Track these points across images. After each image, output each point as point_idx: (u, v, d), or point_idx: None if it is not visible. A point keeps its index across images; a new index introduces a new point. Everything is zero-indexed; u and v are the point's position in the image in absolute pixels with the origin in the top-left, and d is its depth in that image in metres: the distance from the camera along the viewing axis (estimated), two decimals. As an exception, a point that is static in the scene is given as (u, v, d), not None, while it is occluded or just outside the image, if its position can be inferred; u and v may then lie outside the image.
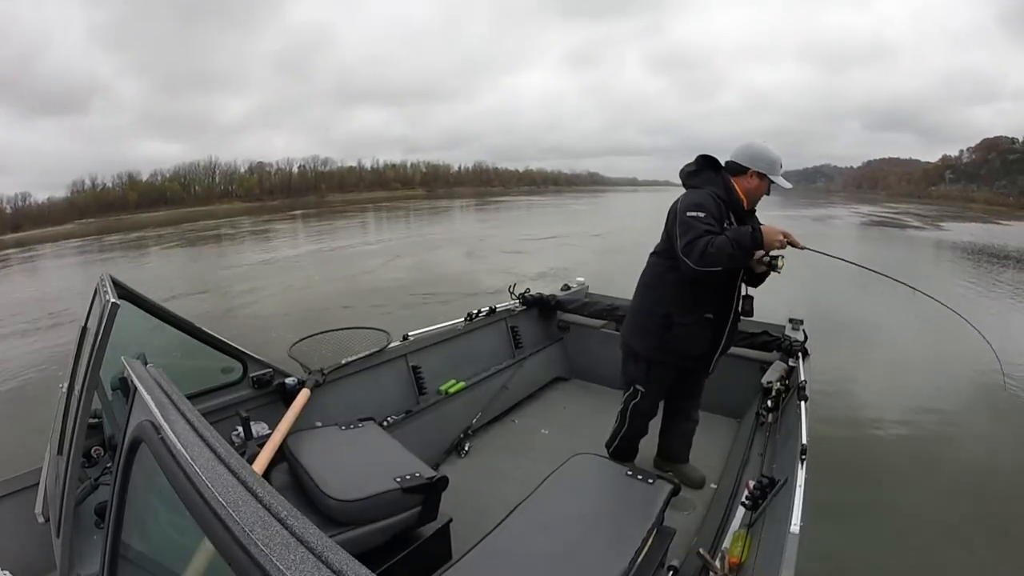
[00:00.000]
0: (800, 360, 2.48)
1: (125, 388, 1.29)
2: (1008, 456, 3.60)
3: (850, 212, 37.26)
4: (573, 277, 4.00)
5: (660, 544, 1.47)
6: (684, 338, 2.02)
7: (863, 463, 3.40)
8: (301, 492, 1.58)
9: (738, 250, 1.78)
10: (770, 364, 2.58)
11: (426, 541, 1.64)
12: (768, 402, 2.28)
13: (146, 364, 0.96)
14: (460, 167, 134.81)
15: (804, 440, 1.72)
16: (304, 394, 2.01)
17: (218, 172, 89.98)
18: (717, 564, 1.43)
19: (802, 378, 2.26)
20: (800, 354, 2.54)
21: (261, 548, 0.47)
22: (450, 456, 2.54)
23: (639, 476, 1.60)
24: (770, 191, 1.99)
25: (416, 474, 1.59)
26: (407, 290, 9.12)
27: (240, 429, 1.84)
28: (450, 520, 1.72)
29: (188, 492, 0.58)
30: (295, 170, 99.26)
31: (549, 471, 1.63)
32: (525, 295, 3.49)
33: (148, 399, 0.76)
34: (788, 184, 2.00)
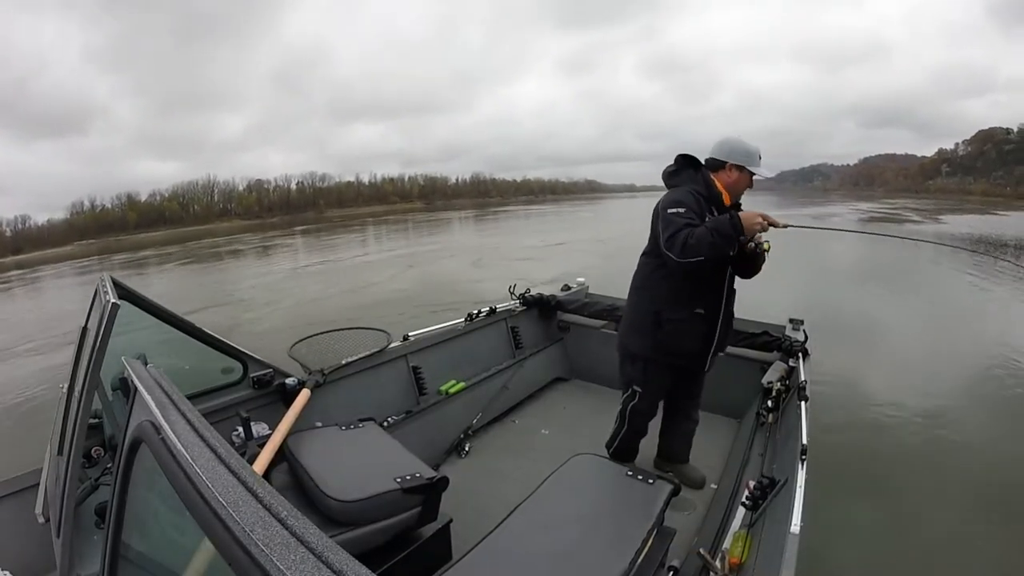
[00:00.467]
0: (800, 360, 2.48)
1: (125, 388, 1.29)
2: (1009, 454, 3.60)
3: (848, 209, 37.25)
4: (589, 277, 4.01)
5: (660, 544, 1.47)
6: (677, 335, 2.03)
7: (864, 463, 3.40)
8: (301, 492, 1.58)
9: (719, 238, 1.80)
10: (770, 364, 2.58)
11: (426, 541, 1.64)
12: (768, 402, 2.28)
13: (146, 364, 0.96)
14: (458, 179, 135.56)
15: (804, 440, 1.72)
16: (304, 394, 2.01)
17: (216, 190, 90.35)
18: (717, 564, 1.43)
19: (802, 378, 2.26)
20: (800, 354, 2.54)
21: (261, 548, 0.47)
22: (450, 456, 2.54)
23: (639, 476, 1.60)
24: (753, 183, 2.02)
25: (416, 474, 1.59)
26: (420, 299, 9.03)
27: (240, 429, 1.84)
28: (450, 520, 1.72)
29: (188, 492, 0.58)
30: (293, 187, 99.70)
31: (549, 471, 1.63)
32: (525, 295, 3.49)
33: (148, 399, 0.76)
34: (769, 173, 2.02)
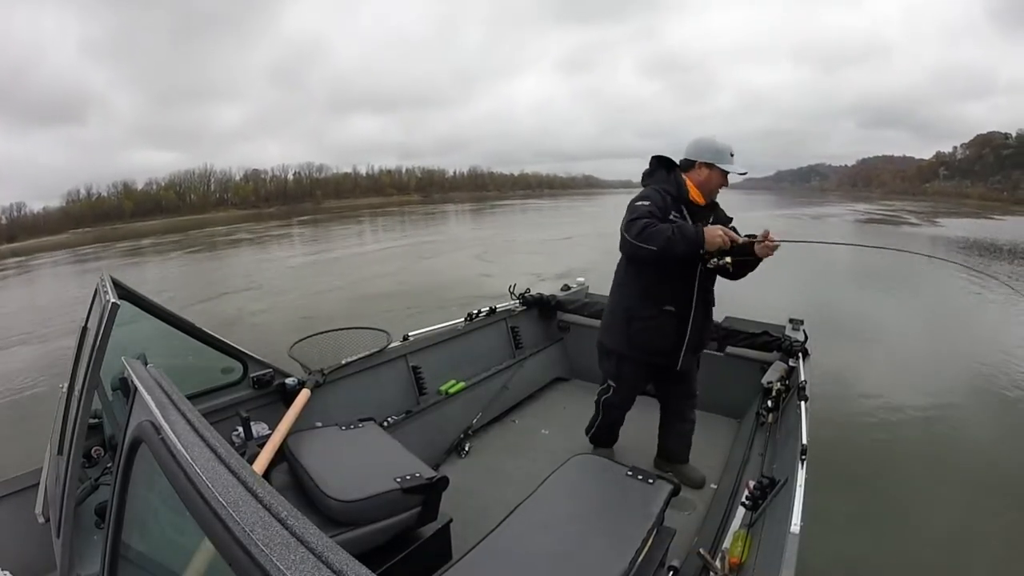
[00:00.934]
0: (800, 360, 2.48)
1: (125, 388, 1.29)
2: (1009, 453, 3.60)
3: (846, 210, 37.29)
4: (590, 276, 4.01)
5: (660, 544, 1.47)
6: (647, 332, 2.07)
7: (864, 463, 3.40)
8: (301, 492, 1.58)
9: (677, 234, 1.83)
10: (770, 364, 2.58)
11: (426, 541, 1.64)
12: (768, 402, 2.28)
13: (146, 364, 0.96)
14: (455, 172, 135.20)
15: (804, 440, 1.72)
16: (304, 394, 2.01)
17: (213, 180, 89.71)
18: (717, 564, 1.43)
19: (802, 378, 2.26)
20: (800, 354, 2.54)
21: (261, 548, 0.47)
22: (450, 456, 2.54)
23: (639, 476, 1.60)
24: (727, 181, 2.05)
25: (416, 474, 1.59)
26: (431, 293, 9.00)
27: (240, 429, 1.84)
28: (450, 520, 1.72)
29: (188, 492, 0.58)
30: (291, 177, 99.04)
31: (549, 471, 1.63)
32: (525, 295, 3.49)
33: (148, 399, 0.76)
34: (740, 170, 2.03)
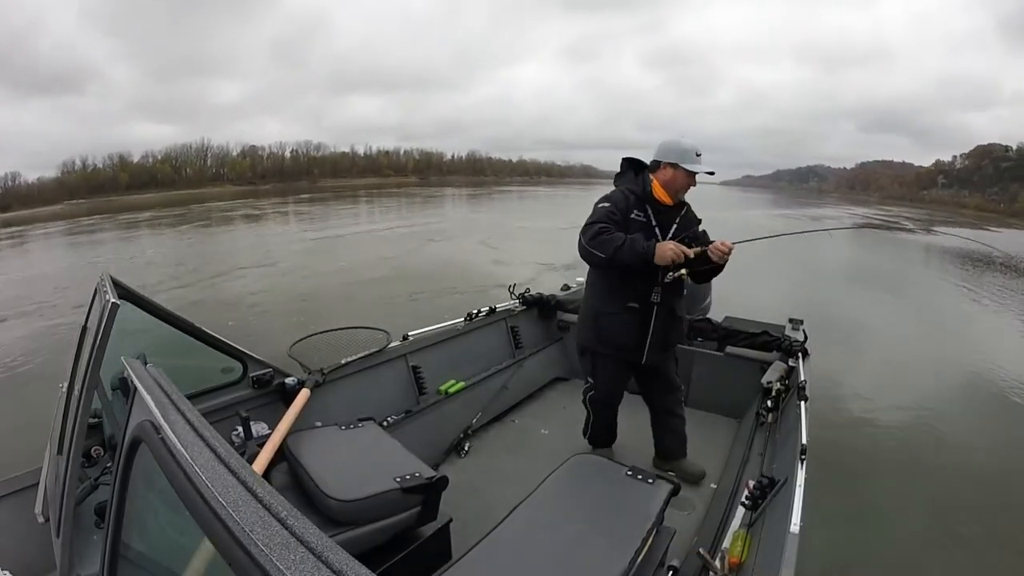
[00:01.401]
0: (800, 360, 2.48)
1: (125, 388, 1.29)
2: (1007, 452, 3.61)
3: (844, 213, 37.35)
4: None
5: (660, 544, 1.47)
6: (612, 328, 2.13)
7: (863, 463, 3.40)
8: (301, 492, 1.58)
9: (627, 246, 1.92)
10: (770, 364, 2.58)
11: (426, 541, 1.64)
12: (768, 402, 2.28)
13: (146, 364, 0.96)
14: (454, 155, 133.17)
15: (804, 440, 1.72)
16: (304, 394, 2.01)
17: (210, 155, 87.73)
18: (717, 564, 1.43)
19: (802, 378, 2.26)
20: (800, 354, 2.54)
21: (261, 548, 0.47)
22: (450, 456, 2.54)
23: (639, 476, 1.60)
24: (695, 180, 2.07)
25: (416, 474, 1.59)
26: (444, 279, 9.01)
27: (240, 429, 1.84)
28: (450, 520, 1.72)
29: (188, 492, 0.58)
30: (288, 154, 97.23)
31: (549, 471, 1.63)
32: (525, 295, 3.49)
33: (148, 399, 0.76)
34: (706, 169, 2.06)
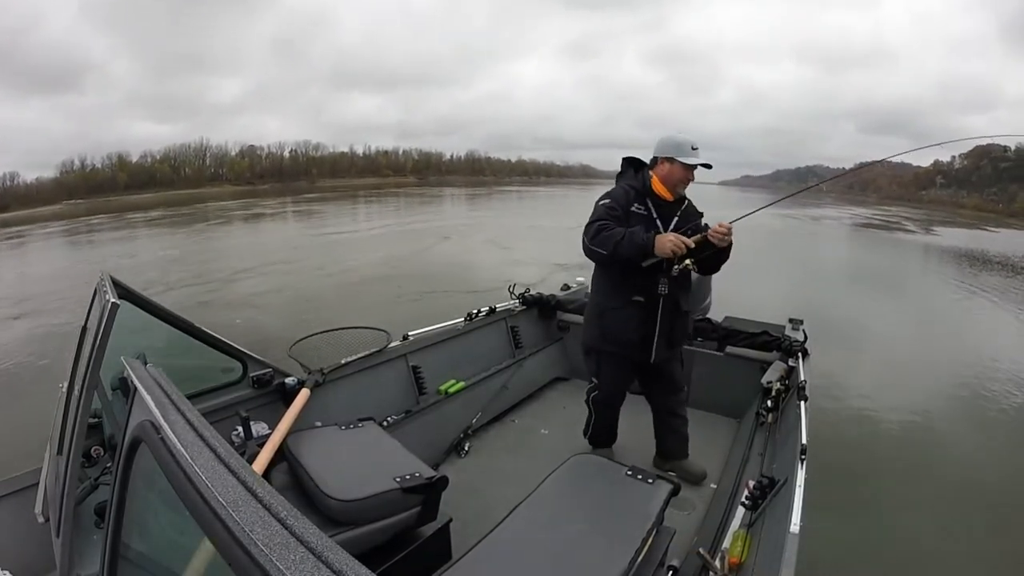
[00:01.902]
0: (800, 360, 2.48)
1: (125, 388, 1.29)
2: (1007, 451, 3.62)
3: (843, 213, 37.39)
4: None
5: (660, 544, 1.47)
6: (618, 323, 2.13)
7: (863, 463, 3.40)
8: (301, 492, 1.58)
9: (627, 240, 1.93)
10: (770, 364, 2.58)
11: (426, 541, 1.64)
12: (768, 402, 2.28)
13: (146, 364, 0.96)
14: (452, 155, 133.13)
15: (804, 440, 1.72)
16: (304, 394, 2.01)
17: (209, 154, 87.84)
18: (717, 564, 1.43)
19: (802, 378, 2.26)
20: (800, 354, 2.54)
21: (261, 548, 0.47)
22: (450, 456, 2.54)
23: (639, 476, 1.60)
24: (693, 175, 2.10)
25: (416, 474, 1.59)
26: (460, 276, 9.09)
27: (240, 429, 1.84)
28: (450, 520, 1.72)
29: (188, 492, 0.58)
30: (287, 154, 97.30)
31: (549, 471, 1.63)
32: (525, 295, 3.49)
33: (148, 399, 0.76)
34: (700, 161, 2.07)
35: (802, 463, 1.60)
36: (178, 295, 7.85)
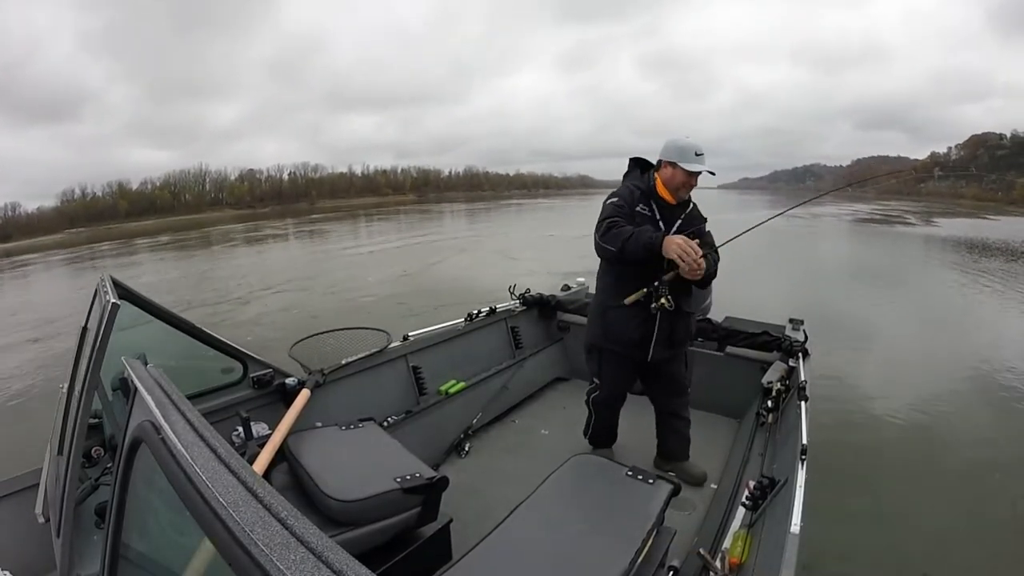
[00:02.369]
0: (800, 360, 2.48)
1: (125, 388, 1.29)
2: (1009, 450, 3.61)
3: (843, 210, 37.36)
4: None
5: (660, 544, 1.47)
6: (619, 323, 2.14)
7: (864, 463, 3.40)
8: (301, 492, 1.58)
9: (634, 237, 1.93)
10: (770, 364, 2.58)
11: (426, 541, 1.64)
12: (768, 402, 2.28)
13: (146, 364, 0.96)
14: (451, 172, 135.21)
15: (804, 440, 1.72)
16: (304, 394, 2.01)
17: (208, 180, 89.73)
18: (717, 564, 1.43)
19: (802, 378, 2.26)
20: (800, 354, 2.54)
21: (261, 548, 0.47)
22: (450, 456, 2.54)
23: (639, 476, 1.60)
24: (695, 180, 2.10)
25: (416, 474, 1.59)
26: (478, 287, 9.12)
27: (240, 429, 1.84)
28: (450, 520, 1.72)
29: (188, 492, 0.58)
30: (286, 177, 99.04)
31: (549, 471, 1.63)
32: (525, 295, 3.49)
33: (148, 399, 0.76)
34: (700, 166, 2.07)
35: (802, 463, 1.60)
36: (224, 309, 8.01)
